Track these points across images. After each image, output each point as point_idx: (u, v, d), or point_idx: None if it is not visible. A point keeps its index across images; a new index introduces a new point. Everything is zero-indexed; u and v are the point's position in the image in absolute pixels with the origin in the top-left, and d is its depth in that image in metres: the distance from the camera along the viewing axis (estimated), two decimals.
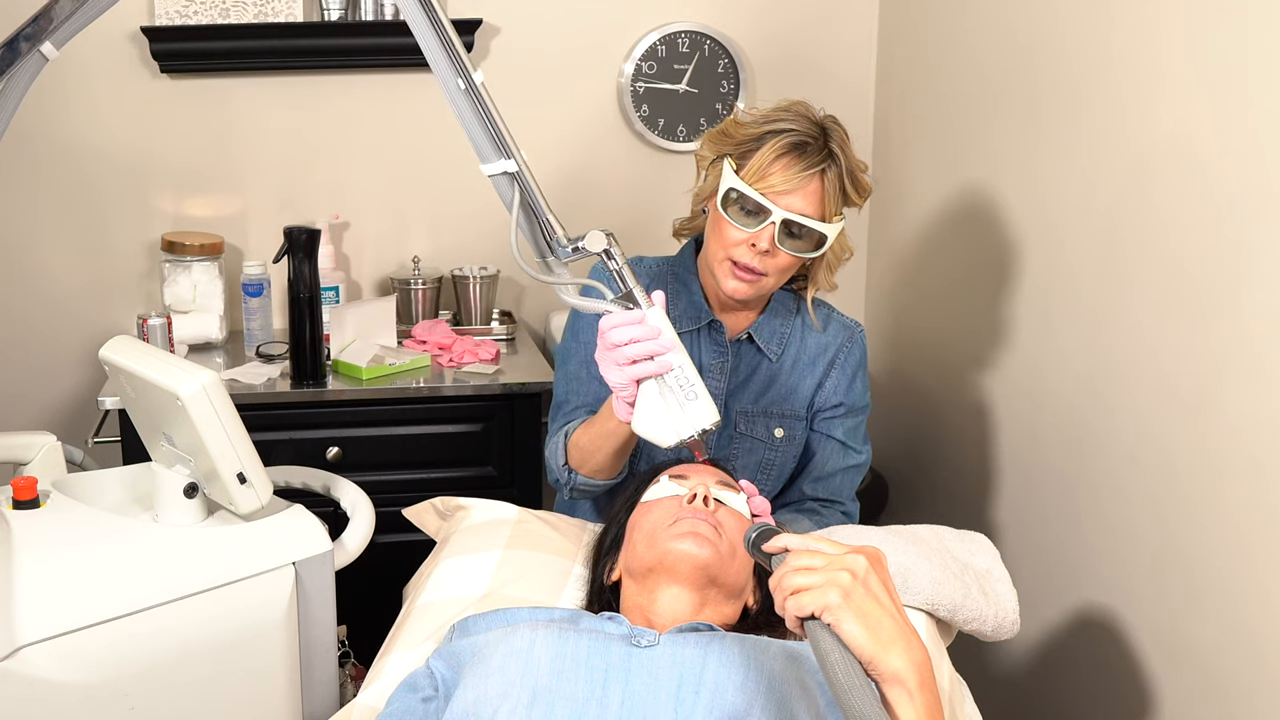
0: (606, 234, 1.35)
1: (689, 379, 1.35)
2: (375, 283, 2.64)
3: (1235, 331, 1.58)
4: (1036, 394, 2.07)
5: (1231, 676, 1.61)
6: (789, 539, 1.06)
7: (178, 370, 1.40)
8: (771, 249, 1.59)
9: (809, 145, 1.59)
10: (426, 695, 1.28)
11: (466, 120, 1.33)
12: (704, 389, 1.36)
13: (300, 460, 2.02)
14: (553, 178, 2.62)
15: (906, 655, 0.96)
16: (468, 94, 1.32)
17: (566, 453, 1.65)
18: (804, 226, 1.59)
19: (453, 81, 1.32)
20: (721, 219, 1.61)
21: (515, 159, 1.34)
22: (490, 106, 1.33)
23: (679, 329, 1.70)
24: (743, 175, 1.59)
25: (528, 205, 1.35)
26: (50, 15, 1.35)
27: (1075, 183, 1.92)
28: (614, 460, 1.61)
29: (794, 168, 1.57)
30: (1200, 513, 1.66)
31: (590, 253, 1.36)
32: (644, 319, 1.35)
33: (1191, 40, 1.64)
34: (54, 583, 1.34)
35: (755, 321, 1.74)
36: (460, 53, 1.32)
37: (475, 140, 1.34)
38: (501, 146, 1.33)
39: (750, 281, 1.62)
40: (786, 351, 1.75)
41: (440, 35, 1.32)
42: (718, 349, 1.73)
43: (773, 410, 1.74)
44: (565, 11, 2.57)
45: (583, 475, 1.65)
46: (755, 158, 1.58)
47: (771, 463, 1.75)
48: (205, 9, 2.38)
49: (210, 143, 2.51)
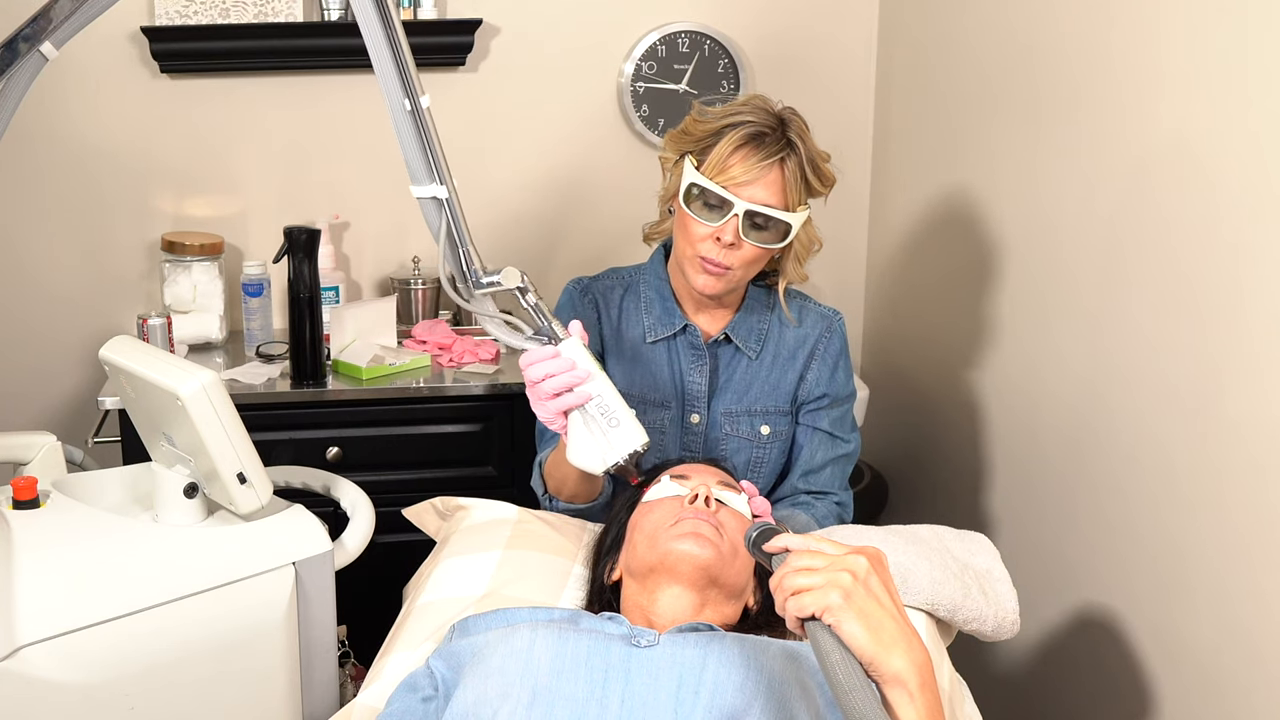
0: (521, 272, 1.40)
1: (609, 406, 1.40)
2: (375, 283, 2.64)
3: (1235, 332, 1.58)
4: (1036, 394, 2.07)
5: (1230, 676, 1.61)
6: (789, 539, 1.06)
7: (178, 370, 1.40)
8: (736, 241, 1.60)
9: (767, 136, 1.59)
10: (426, 695, 1.28)
11: (406, 140, 1.35)
12: (628, 413, 1.40)
13: (300, 460, 2.02)
14: (552, 178, 2.62)
15: (907, 656, 0.96)
16: (412, 115, 1.33)
17: (544, 482, 1.70)
18: (767, 217, 1.60)
19: (399, 100, 1.33)
20: (686, 215, 1.62)
21: (447, 186, 1.36)
22: (432, 131, 1.34)
23: (654, 336, 1.73)
24: (703, 170, 1.60)
25: (451, 234, 1.38)
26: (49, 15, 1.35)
27: (1075, 183, 1.92)
28: (583, 487, 1.64)
29: (752, 158, 1.58)
30: (1199, 513, 1.66)
31: (504, 288, 1.40)
32: (558, 353, 1.40)
33: (1191, 40, 1.64)
34: (54, 583, 1.34)
35: (731, 321, 1.74)
36: (412, 74, 1.32)
37: (410, 161, 1.35)
38: (435, 172, 1.35)
39: (719, 275, 1.63)
40: (765, 348, 1.75)
41: (396, 54, 1.32)
42: (695, 352, 1.73)
43: (756, 408, 1.75)
44: (565, 11, 2.57)
45: (562, 501, 1.69)
46: (714, 152, 1.59)
47: (761, 460, 1.75)
48: (205, 9, 2.38)
49: (210, 143, 2.51)
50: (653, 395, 1.73)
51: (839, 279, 2.78)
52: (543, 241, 2.60)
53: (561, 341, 1.41)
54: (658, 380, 1.73)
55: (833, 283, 2.77)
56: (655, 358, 1.74)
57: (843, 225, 2.74)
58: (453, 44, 2.48)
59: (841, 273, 2.78)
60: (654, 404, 1.73)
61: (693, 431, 1.74)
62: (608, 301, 1.78)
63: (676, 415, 1.73)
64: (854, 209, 2.75)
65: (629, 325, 1.76)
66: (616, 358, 1.75)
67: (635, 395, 1.72)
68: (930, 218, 2.45)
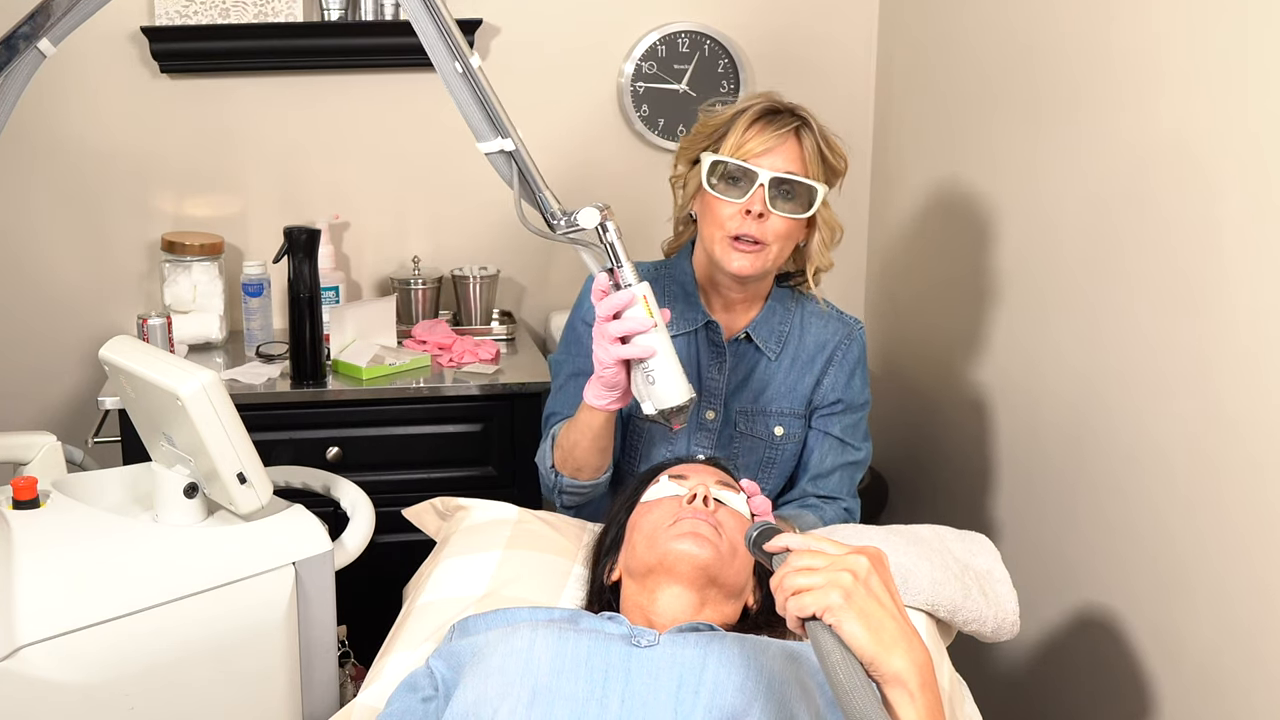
0: (600, 208, 1.42)
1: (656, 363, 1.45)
2: (375, 283, 2.64)
3: (1235, 331, 1.58)
4: (1036, 393, 2.07)
5: (1230, 676, 1.61)
6: (790, 539, 1.06)
7: (178, 370, 1.40)
8: (765, 211, 1.61)
9: (779, 112, 1.64)
10: (426, 695, 1.28)
11: (464, 103, 1.38)
12: (675, 373, 1.45)
13: (300, 460, 2.02)
14: (552, 177, 2.60)
15: (908, 656, 0.96)
16: (465, 77, 1.37)
17: (553, 454, 1.69)
18: (792, 183, 1.62)
19: (449, 65, 1.37)
20: (711, 198, 1.64)
21: (513, 138, 1.39)
22: (488, 88, 1.38)
23: (675, 330, 1.72)
24: (723, 152, 1.63)
25: (525, 181, 1.42)
26: (48, 11, 1.35)
27: (1075, 182, 1.92)
28: (593, 455, 1.63)
29: (768, 130, 1.62)
30: (1199, 512, 1.66)
31: (583, 227, 1.43)
32: (634, 298, 1.44)
33: (1191, 40, 1.64)
34: (54, 583, 1.34)
35: (754, 320, 1.74)
36: (457, 37, 1.36)
37: (472, 121, 1.39)
38: (499, 126, 1.39)
39: (754, 253, 1.63)
40: (785, 350, 1.75)
41: (438, 21, 1.36)
42: (715, 349, 1.74)
43: (771, 409, 1.75)
44: (565, 11, 2.57)
45: (567, 476, 1.68)
46: (730, 134, 1.63)
47: (773, 461, 1.75)
48: (205, 9, 2.38)
49: (210, 143, 2.51)
50: None
51: (839, 278, 2.77)
52: (543, 241, 2.59)
53: (632, 286, 1.44)
54: None
55: (833, 282, 2.75)
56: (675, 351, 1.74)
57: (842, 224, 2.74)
58: None
59: (841, 272, 2.77)
60: None
61: (707, 428, 1.74)
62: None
63: (691, 410, 1.74)
64: (854, 208, 2.75)
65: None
66: None
67: None
68: (930, 217, 2.45)
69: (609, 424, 1.59)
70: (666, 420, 1.47)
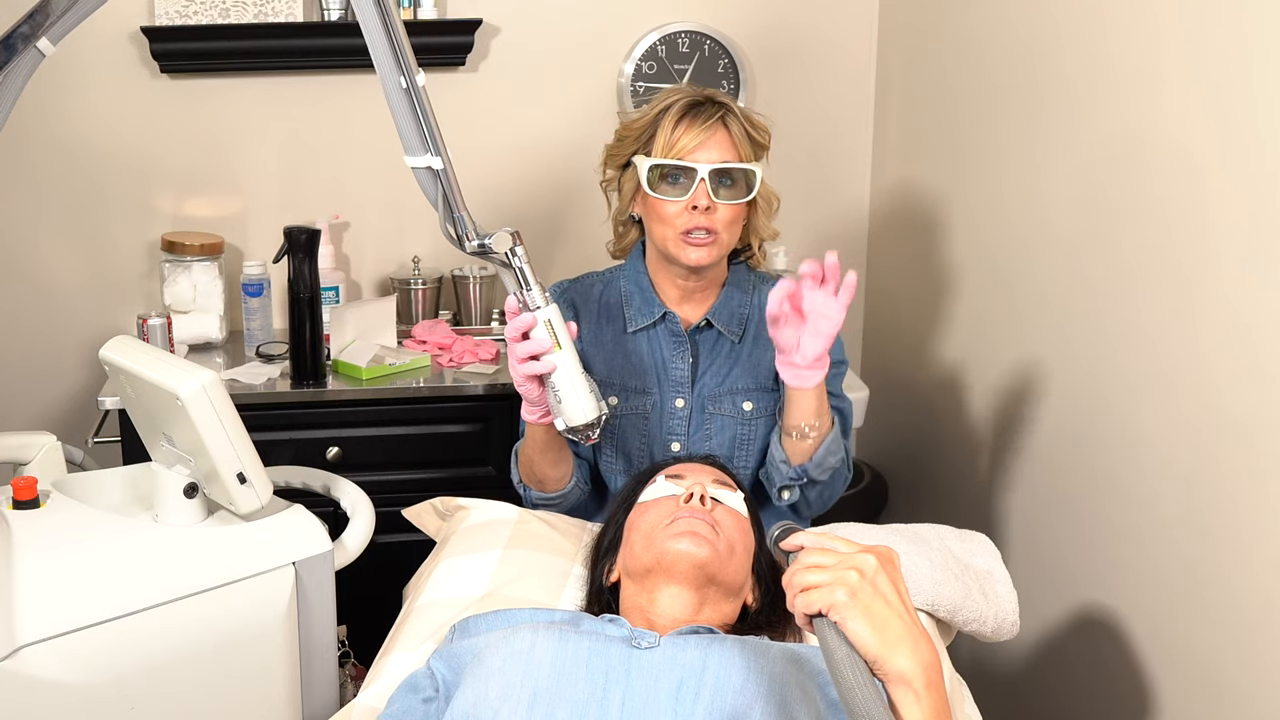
0: (511, 233, 1.47)
1: (562, 381, 1.49)
2: (375, 283, 2.64)
3: (1235, 330, 1.58)
4: (1036, 393, 2.07)
5: (1230, 676, 1.61)
6: (803, 537, 1.06)
7: (178, 370, 1.40)
8: (711, 204, 1.65)
9: (701, 104, 1.69)
10: (427, 696, 1.28)
11: (401, 116, 1.42)
12: (579, 391, 1.49)
13: (300, 460, 2.02)
14: (552, 177, 2.62)
15: (913, 656, 0.96)
16: (407, 93, 1.41)
17: (518, 469, 1.76)
18: (731, 170, 1.66)
19: (394, 80, 1.40)
20: (655, 200, 1.68)
21: (443, 157, 1.44)
22: (427, 106, 1.42)
23: (634, 326, 1.78)
24: (655, 154, 1.67)
25: (447, 201, 1.47)
26: (47, 10, 1.35)
27: (1075, 181, 1.92)
28: (548, 467, 1.70)
29: (695, 124, 1.66)
30: (1199, 512, 1.66)
31: (494, 252, 1.48)
32: (535, 320, 1.49)
33: (1191, 40, 1.64)
34: (54, 583, 1.34)
35: (713, 307, 1.77)
36: (408, 53, 1.39)
37: (404, 134, 1.43)
38: (431, 144, 1.43)
39: (707, 244, 1.67)
40: (747, 330, 1.78)
41: (391, 35, 1.39)
42: (676, 339, 1.76)
43: (738, 387, 1.77)
44: (565, 11, 2.57)
45: (534, 490, 1.75)
46: (658, 135, 1.67)
47: (746, 437, 1.76)
48: (205, 9, 2.38)
49: (210, 143, 2.51)
50: (634, 383, 1.76)
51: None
52: (543, 241, 2.59)
53: (538, 310, 1.49)
54: (639, 368, 1.76)
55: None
56: (636, 347, 1.77)
57: (842, 224, 2.74)
58: (453, 44, 2.48)
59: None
60: (636, 391, 1.76)
61: (677, 416, 1.75)
62: (586, 299, 1.82)
63: (658, 401, 1.75)
64: (854, 208, 2.75)
65: (609, 318, 1.80)
66: (598, 350, 1.79)
67: (617, 383, 1.76)
68: (929, 216, 2.45)
69: (551, 436, 1.64)
70: (578, 436, 1.51)
